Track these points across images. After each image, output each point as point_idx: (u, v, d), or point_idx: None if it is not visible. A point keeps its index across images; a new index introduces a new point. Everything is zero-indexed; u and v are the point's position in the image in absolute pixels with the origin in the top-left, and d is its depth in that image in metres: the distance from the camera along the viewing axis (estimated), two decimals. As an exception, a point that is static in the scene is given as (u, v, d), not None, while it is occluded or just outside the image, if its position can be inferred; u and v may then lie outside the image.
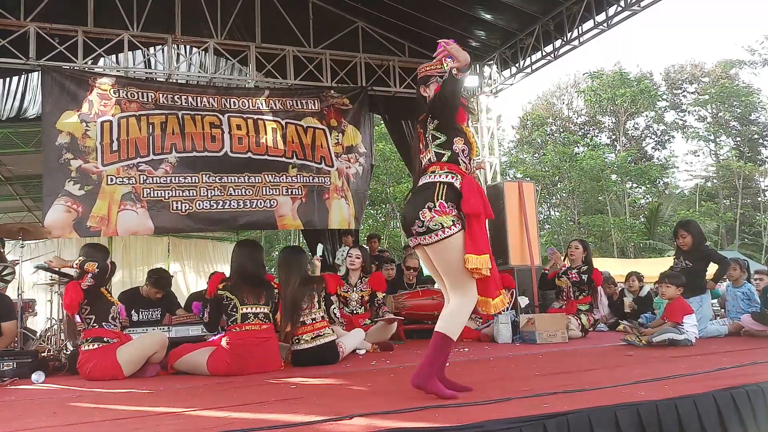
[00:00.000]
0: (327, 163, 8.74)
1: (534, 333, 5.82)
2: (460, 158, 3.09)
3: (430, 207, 2.96)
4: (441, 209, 2.95)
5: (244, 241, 5.27)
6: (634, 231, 25.36)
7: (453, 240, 2.95)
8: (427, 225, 2.95)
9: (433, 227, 2.95)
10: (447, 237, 2.94)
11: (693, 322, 5.24)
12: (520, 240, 8.76)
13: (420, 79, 3.31)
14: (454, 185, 3.00)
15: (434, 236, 2.96)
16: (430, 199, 2.98)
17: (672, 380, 3.18)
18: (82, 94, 7.66)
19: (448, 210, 2.95)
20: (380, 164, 20.64)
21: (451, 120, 3.12)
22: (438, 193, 2.98)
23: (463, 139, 3.12)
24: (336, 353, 4.99)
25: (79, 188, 7.46)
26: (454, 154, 3.09)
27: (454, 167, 3.06)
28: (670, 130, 33.45)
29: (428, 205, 2.97)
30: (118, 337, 4.76)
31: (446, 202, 2.96)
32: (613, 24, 8.12)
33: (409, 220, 3.05)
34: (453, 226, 2.94)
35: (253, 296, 4.76)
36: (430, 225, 2.95)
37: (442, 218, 2.94)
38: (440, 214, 2.95)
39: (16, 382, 4.64)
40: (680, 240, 6.30)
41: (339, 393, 3.56)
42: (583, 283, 6.72)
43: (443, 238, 2.95)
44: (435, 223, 2.94)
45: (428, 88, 3.24)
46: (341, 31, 9.42)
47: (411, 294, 7.42)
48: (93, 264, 4.67)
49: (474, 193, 3.00)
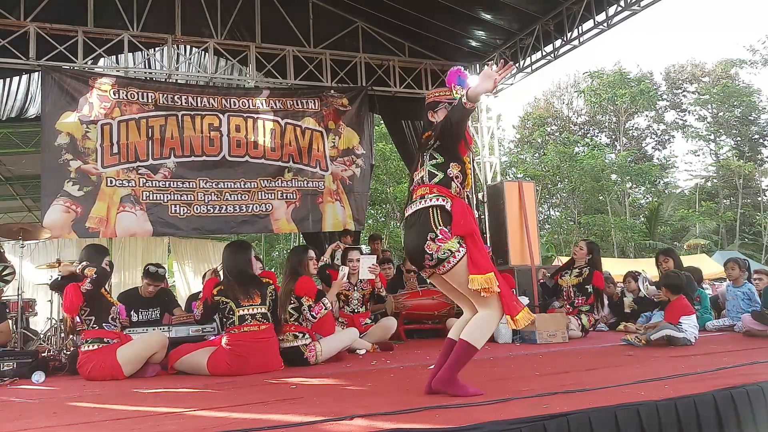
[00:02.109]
0: (322, 167, 8.86)
1: (534, 333, 5.82)
2: (453, 183, 3.06)
3: (432, 237, 2.95)
4: (444, 236, 2.94)
5: (231, 243, 5.24)
6: (634, 231, 25.37)
7: (462, 263, 2.94)
8: (437, 257, 2.94)
9: (442, 256, 2.93)
10: (459, 260, 2.93)
11: (692, 322, 5.23)
12: (520, 240, 8.77)
13: (428, 104, 3.29)
14: (446, 208, 2.98)
15: (447, 264, 2.94)
16: (430, 229, 2.96)
17: (672, 380, 3.18)
18: (82, 95, 7.68)
19: (450, 235, 2.94)
20: (380, 164, 20.62)
21: (453, 145, 3.09)
22: (434, 221, 2.97)
23: (460, 167, 3.09)
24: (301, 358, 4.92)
25: (78, 189, 7.49)
26: (447, 178, 3.05)
27: (444, 190, 3.03)
28: (670, 130, 33.48)
29: (430, 236, 2.95)
30: (118, 337, 4.77)
31: (446, 227, 2.95)
32: (613, 24, 8.12)
33: (415, 255, 3.04)
34: (460, 248, 2.94)
35: (247, 297, 4.75)
36: (440, 255, 2.93)
37: (448, 244, 2.93)
38: (444, 241, 2.94)
39: (16, 382, 4.64)
40: (663, 265, 6.63)
41: (339, 393, 3.56)
42: (585, 283, 6.71)
43: (456, 263, 2.94)
44: (443, 252, 2.93)
45: (436, 114, 3.22)
46: (341, 31, 9.43)
47: (411, 294, 7.41)
48: (92, 269, 4.71)
49: (463, 214, 2.98)
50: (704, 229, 26.52)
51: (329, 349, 5.09)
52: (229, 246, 5.13)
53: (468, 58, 10.14)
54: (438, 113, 3.21)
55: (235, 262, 4.89)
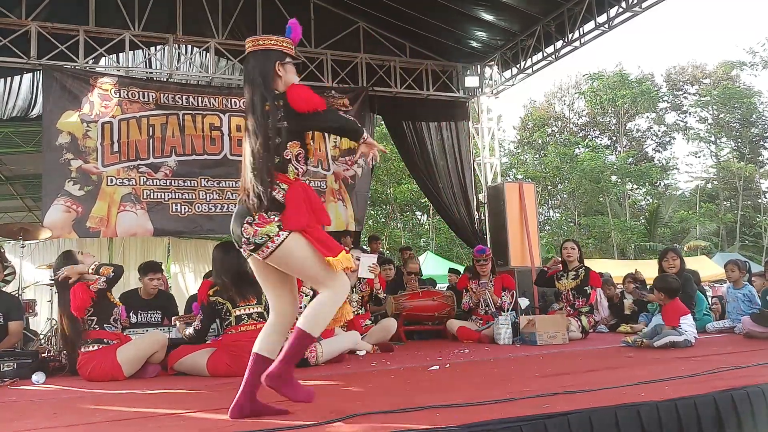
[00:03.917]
0: (323, 166, 8.85)
1: (534, 334, 5.81)
2: (291, 165, 2.77)
3: (249, 221, 2.69)
4: (261, 221, 2.68)
5: (221, 244, 5.19)
6: (634, 232, 25.38)
7: (289, 244, 2.67)
8: (253, 241, 2.68)
9: (259, 241, 2.67)
10: (279, 245, 2.66)
11: (690, 322, 5.23)
12: (520, 241, 8.78)
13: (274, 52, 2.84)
14: (276, 198, 2.70)
15: (266, 249, 2.67)
16: (248, 212, 2.71)
17: (672, 381, 3.18)
18: (83, 94, 7.67)
19: (269, 219, 2.68)
20: (380, 165, 20.62)
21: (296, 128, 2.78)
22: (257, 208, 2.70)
23: (299, 143, 2.79)
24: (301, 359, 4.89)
25: (79, 188, 7.48)
26: (283, 161, 2.75)
27: (280, 176, 2.74)
28: (670, 132, 33.49)
29: (247, 220, 2.70)
30: (118, 338, 4.77)
31: (266, 212, 2.68)
32: (614, 25, 8.12)
33: (235, 238, 2.79)
34: (281, 232, 2.67)
35: (243, 297, 4.74)
36: (257, 240, 2.67)
37: (266, 228, 2.67)
38: (262, 225, 2.67)
39: (16, 382, 4.64)
40: (671, 262, 6.40)
41: (339, 394, 3.55)
42: (583, 285, 6.71)
43: (275, 249, 2.67)
44: (260, 237, 2.67)
45: (284, 67, 2.83)
46: (342, 31, 9.43)
47: (411, 295, 7.42)
48: (109, 268, 4.74)
49: (297, 206, 2.72)
50: (704, 230, 26.54)
51: (330, 351, 5.07)
52: (218, 247, 5.00)
53: (469, 59, 10.15)
54: (287, 68, 2.84)
55: (227, 263, 4.79)
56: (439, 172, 9.91)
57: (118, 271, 4.79)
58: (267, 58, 2.82)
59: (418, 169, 10.05)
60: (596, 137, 33.29)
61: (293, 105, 2.71)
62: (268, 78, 2.78)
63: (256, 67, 2.83)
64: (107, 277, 4.66)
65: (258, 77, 2.79)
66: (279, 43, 2.87)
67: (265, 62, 2.81)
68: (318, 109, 2.73)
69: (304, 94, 2.73)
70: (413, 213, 26.80)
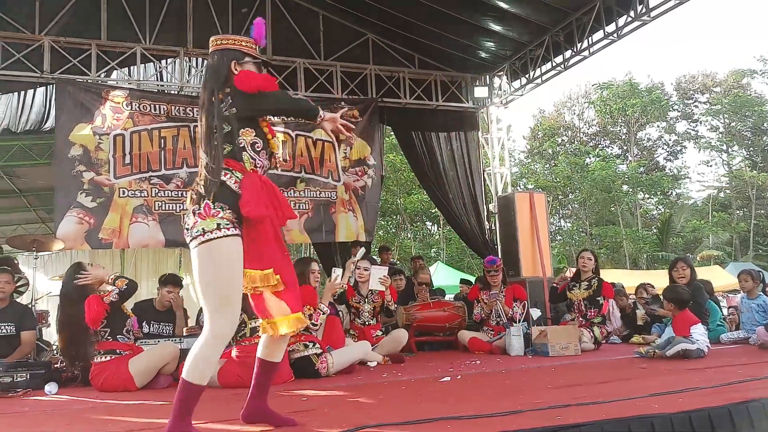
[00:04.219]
0: (334, 177, 8.88)
1: (546, 345, 5.78)
2: (246, 153, 2.64)
3: (194, 211, 2.53)
4: (205, 212, 2.51)
5: None
6: (646, 242, 25.23)
7: (215, 246, 2.48)
8: (190, 233, 2.53)
9: (194, 234, 2.51)
10: (207, 241, 2.48)
11: (701, 331, 5.19)
12: (531, 251, 8.73)
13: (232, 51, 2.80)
14: (227, 184, 2.55)
15: (195, 242, 2.51)
16: (196, 201, 2.56)
17: (686, 393, 3.15)
18: (95, 107, 7.75)
19: (214, 212, 2.50)
20: (391, 175, 20.67)
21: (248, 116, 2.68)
22: (207, 194, 2.55)
23: (254, 131, 2.67)
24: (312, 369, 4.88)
25: (91, 200, 7.54)
26: (237, 148, 2.63)
27: (233, 163, 2.60)
28: (682, 141, 33.35)
29: (193, 209, 2.54)
30: (130, 348, 4.79)
31: (213, 203, 2.52)
32: (623, 34, 8.11)
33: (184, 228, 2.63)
34: (216, 230, 2.48)
35: None
36: (192, 232, 2.52)
37: (204, 222, 2.49)
38: (204, 217, 2.50)
39: (29, 393, 4.67)
40: (681, 272, 6.36)
41: (350, 405, 3.55)
42: (596, 295, 6.67)
43: (202, 243, 2.49)
44: (197, 230, 2.50)
45: (241, 66, 2.76)
46: (351, 43, 9.49)
47: (422, 306, 7.40)
48: (124, 280, 4.77)
49: (255, 192, 2.56)
50: (717, 240, 26.35)
51: (341, 362, 5.06)
52: None
53: (478, 69, 10.16)
54: (245, 67, 2.76)
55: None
56: (449, 182, 9.91)
57: (132, 286, 4.82)
58: (222, 57, 2.78)
59: (428, 180, 10.06)
60: (607, 146, 33.21)
61: (238, 86, 2.62)
62: (221, 74, 2.72)
63: (211, 66, 2.79)
64: (120, 290, 4.69)
65: (211, 75, 2.76)
66: (237, 42, 2.83)
67: (220, 61, 2.77)
68: (263, 89, 2.63)
69: (249, 75, 2.67)
70: (423, 223, 26.80)
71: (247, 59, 2.80)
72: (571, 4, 8.35)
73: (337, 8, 9.35)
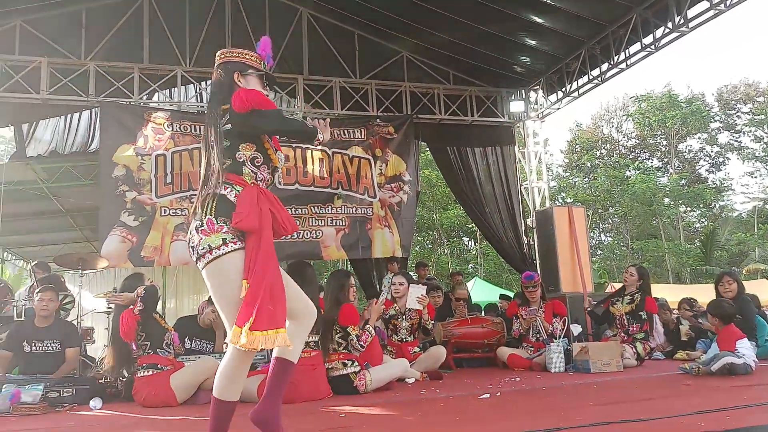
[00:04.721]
0: (370, 194, 8.91)
1: (588, 362, 5.68)
2: (246, 167, 2.65)
3: (197, 227, 2.54)
4: (209, 228, 2.51)
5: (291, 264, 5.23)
6: (689, 256, 24.64)
7: (225, 261, 2.48)
8: (196, 251, 2.52)
9: (200, 251, 2.50)
10: (214, 258, 2.48)
11: (747, 346, 5.03)
12: (571, 266, 8.60)
13: (236, 63, 2.84)
14: (227, 198, 2.56)
15: (202, 260, 2.51)
16: (198, 218, 2.56)
17: (734, 411, 3.06)
18: (137, 128, 7.97)
19: (217, 227, 2.51)
20: (426, 191, 20.67)
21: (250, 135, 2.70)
22: (207, 209, 2.55)
23: (254, 146, 2.68)
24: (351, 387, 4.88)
25: (134, 219, 7.72)
26: (237, 163, 2.64)
27: (234, 177, 2.61)
28: (724, 152, 32.60)
29: (195, 225, 2.55)
30: (171, 363, 4.87)
31: (215, 218, 2.52)
32: (660, 46, 8.00)
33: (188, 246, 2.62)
34: (223, 246, 2.48)
35: None
36: (198, 250, 2.51)
37: (209, 238, 2.49)
38: (207, 233, 2.50)
39: (75, 408, 4.78)
40: (727, 286, 6.19)
41: (389, 422, 3.54)
42: (638, 310, 6.53)
43: (211, 260, 2.48)
44: (202, 247, 2.50)
45: (244, 79, 2.80)
46: (386, 61, 9.59)
47: (460, 322, 7.35)
48: (141, 288, 4.89)
49: (248, 205, 2.53)
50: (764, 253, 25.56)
51: (379, 379, 5.04)
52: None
53: (513, 84, 10.14)
54: (248, 80, 2.80)
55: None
56: (485, 198, 9.87)
57: (151, 290, 4.91)
58: (226, 70, 2.83)
59: (465, 195, 10.03)
60: (647, 159, 32.66)
61: (233, 105, 2.64)
62: (224, 87, 2.77)
63: (216, 81, 2.85)
64: (141, 297, 4.79)
65: (215, 87, 2.82)
66: (241, 55, 2.86)
67: (224, 73, 2.82)
68: (255, 107, 2.63)
69: (244, 94, 2.65)
70: (460, 238, 26.67)
71: (251, 71, 2.83)
72: (607, 17, 8.29)
73: (371, 27, 9.46)
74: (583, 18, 8.31)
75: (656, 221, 26.48)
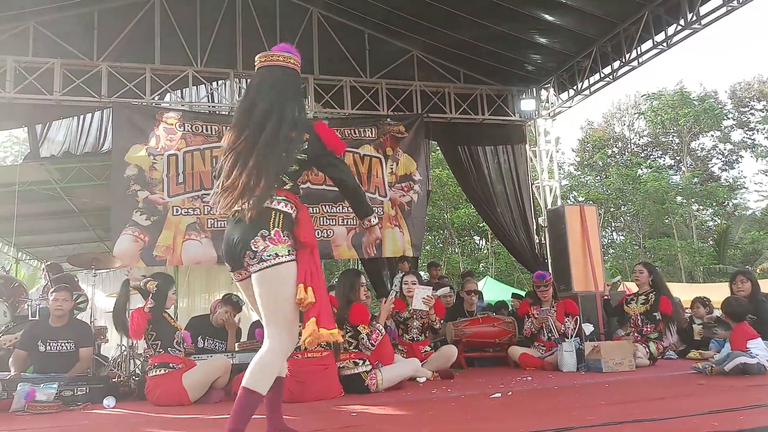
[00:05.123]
0: (380, 193, 8.91)
1: (600, 361, 5.65)
2: (300, 191, 2.90)
3: (264, 235, 2.66)
4: (277, 238, 2.66)
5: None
6: (702, 254, 24.43)
7: (284, 269, 2.65)
8: (259, 255, 2.64)
9: (265, 257, 2.64)
10: (278, 264, 2.64)
11: (761, 346, 4.99)
12: (583, 265, 8.55)
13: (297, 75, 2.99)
14: (291, 216, 2.75)
15: (264, 264, 2.64)
16: (265, 226, 2.68)
17: (747, 411, 3.03)
18: (149, 129, 8.02)
19: (284, 239, 2.68)
20: (437, 190, 20.61)
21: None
22: (274, 221, 2.70)
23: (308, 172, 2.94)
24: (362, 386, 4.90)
25: (146, 218, 7.77)
26: (296, 186, 2.85)
27: (293, 197, 2.81)
28: (737, 150, 32.29)
29: (262, 233, 2.66)
30: (183, 362, 4.90)
31: (282, 231, 2.69)
32: (672, 43, 7.95)
33: (236, 248, 2.72)
34: (287, 255, 2.67)
35: None
36: (263, 255, 2.64)
37: (276, 247, 2.65)
38: (275, 243, 2.65)
39: (89, 406, 4.82)
40: (740, 285, 6.11)
41: (400, 422, 3.54)
42: (653, 310, 6.50)
43: (273, 265, 2.64)
44: (268, 253, 2.64)
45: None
46: (396, 60, 9.59)
47: (471, 321, 7.34)
48: (153, 283, 4.91)
49: (310, 224, 2.83)
50: (779, 251, 25.32)
51: (390, 378, 5.05)
52: None
53: (524, 82, 10.11)
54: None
55: None
56: (496, 196, 9.85)
57: (162, 286, 4.94)
58: (297, 78, 2.91)
59: (475, 194, 10.01)
60: (659, 157, 32.41)
61: (326, 142, 2.82)
62: (299, 98, 2.90)
63: (289, 85, 2.89)
64: (152, 293, 4.82)
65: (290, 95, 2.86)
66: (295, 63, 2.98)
67: (296, 81, 2.90)
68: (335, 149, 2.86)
69: (334, 138, 2.86)
70: (471, 238, 26.58)
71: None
72: (619, 14, 8.24)
73: (381, 26, 9.46)
74: (594, 16, 8.26)
75: (669, 220, 26.26)
